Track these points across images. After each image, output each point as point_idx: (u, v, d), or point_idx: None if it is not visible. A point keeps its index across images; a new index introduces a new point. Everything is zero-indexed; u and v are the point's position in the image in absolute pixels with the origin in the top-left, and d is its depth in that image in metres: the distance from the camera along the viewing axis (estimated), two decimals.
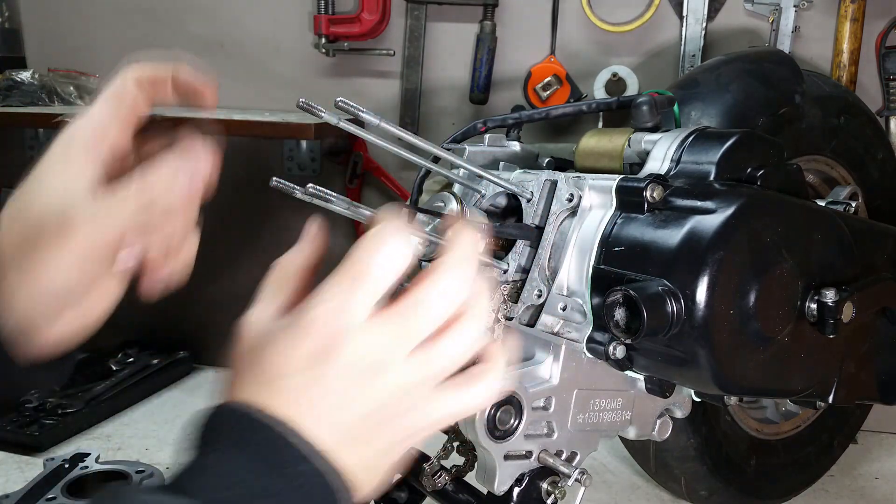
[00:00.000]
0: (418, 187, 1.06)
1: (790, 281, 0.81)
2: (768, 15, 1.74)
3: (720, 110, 1.18)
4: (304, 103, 0.65)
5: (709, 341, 0.74)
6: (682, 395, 0.93)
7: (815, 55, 1.75)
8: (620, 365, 0.80)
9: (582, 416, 0.86)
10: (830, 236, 0.88)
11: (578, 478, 0.82)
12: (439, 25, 1.89)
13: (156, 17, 2.02)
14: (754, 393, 1.01)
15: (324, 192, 0.72)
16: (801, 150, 1.26)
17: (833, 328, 0.83)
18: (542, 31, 1.84)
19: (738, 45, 1.76)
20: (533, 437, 0.82)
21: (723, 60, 1.28)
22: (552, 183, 0.88)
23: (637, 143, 0.90)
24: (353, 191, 1.98)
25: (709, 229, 0.75)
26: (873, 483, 1.55)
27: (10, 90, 1.95)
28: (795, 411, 1.37)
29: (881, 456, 1.66)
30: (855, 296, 0.84)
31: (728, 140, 0.83)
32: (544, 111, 1.07)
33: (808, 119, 1.26)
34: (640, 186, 0.80)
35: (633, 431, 0.92)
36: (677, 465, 1.31)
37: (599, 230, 0.82)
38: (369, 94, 1.95)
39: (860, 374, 0.95)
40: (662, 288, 0.74)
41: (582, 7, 1.79)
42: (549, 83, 1.83)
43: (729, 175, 0.83)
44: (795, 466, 1.40)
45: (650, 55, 1.83)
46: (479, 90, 1.85)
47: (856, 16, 1.68)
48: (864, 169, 1.36)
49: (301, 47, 1.95)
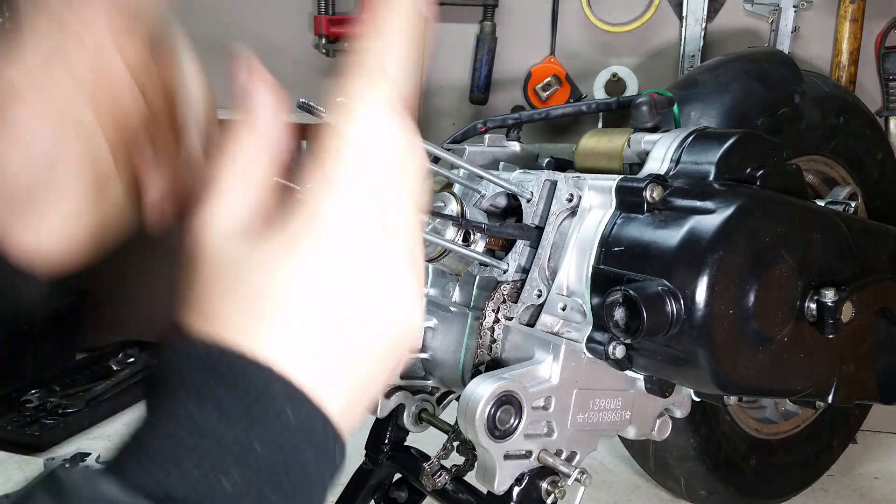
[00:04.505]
0: None
1: (790, 281, 0.81)
2: (768, 15, 1.74)
3: (720, 111, 1.18)
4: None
5: (708, 341, 0.74)
6: (682, 395, 0.93)
7: (814, 55, 1.75)
8: (620, 365, 0.80)
9: (582, 415, 0.86)
10: (830, 236, 0.88)
11: (578, 477, 0.82)
12: (439, 26, 1.90)
13: None
14: (754, 393, 1.01)
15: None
16: (800, 150, 1.26)
17: (832, 328, 0.83)
18: (542, 32, 1.85)
19: (737, 46, 1.76)
20: (533, 437, 0.82)
21: (722, 61, 1.28)
22: (552, 183, 0.88)
23: (637, 143, 0.90)
24: None
25: (708, 229, 0.75)
26: (873, 483, 1.56)
27: None
28: (795, 411, 1.37)
29: (881, 456, 1.66)
30: (854, 296, 0.84)
31: (727, 140, 0.83)
32: (544, 111, 1.07)
33: (807, 119, 1.26)
34: (640, 186, 0.80)
35: (633, 431, 0.92)
36: (677, 465, 1.31)
37: (599, 230, 0.82)
38: None
39: (860, 374, 0.96)
40: (662, 288, 0.74)
41: (582, 7, 1.80)
42: (548, 83, 1.83)
43: (728, 175, 0.83)
44: (795, 466, 1.40)
45: (650, 55, 1.83)
46: (479, 90, 1.85)
47: (855, 16, 1.69)
48: (863, 169, 1.36)
49: (301, 47, 1.95)
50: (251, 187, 0.42)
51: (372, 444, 1.03)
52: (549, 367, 0.83)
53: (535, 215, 0.88)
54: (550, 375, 0.83)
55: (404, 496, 1.04)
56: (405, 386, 0.98)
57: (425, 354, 0.98)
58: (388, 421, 1.01)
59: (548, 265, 0.86)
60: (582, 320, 0.82)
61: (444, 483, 0.91)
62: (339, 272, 0.40)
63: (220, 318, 0.39)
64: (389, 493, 1.04)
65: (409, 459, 1.01)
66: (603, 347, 0.79)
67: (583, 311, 0.82)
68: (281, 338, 0.39)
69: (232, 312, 0.39)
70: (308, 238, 0.40)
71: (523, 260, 0.87)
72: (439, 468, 0.91)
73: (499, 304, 0.86)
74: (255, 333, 0.39)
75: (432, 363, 0.98)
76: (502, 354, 0.88)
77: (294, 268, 0.40)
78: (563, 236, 0.85)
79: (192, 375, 0.38)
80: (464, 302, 0.95)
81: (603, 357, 0.79)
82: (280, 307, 0.39)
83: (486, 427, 0.77)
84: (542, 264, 0.85)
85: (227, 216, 0.41)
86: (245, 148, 0.43)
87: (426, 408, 1.00)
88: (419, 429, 1.01)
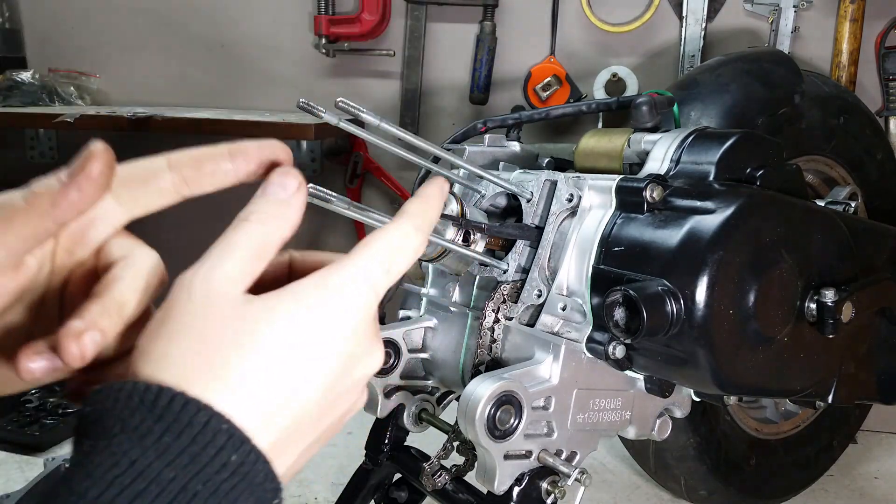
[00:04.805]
0: (418, 187, 1.06)
1: (789, 281, 0.81)
2: (768, 15, 1.74)
3: (720, 110, 1.18)
4: (304, 103, 0.65)
5: (708, 341, 0.74)
6: (682, 395, 0.93)
7: (814, 55, 1.75)
8: (620, 365, 0.80)
9: (581, 415, 0.86)
10: (830, 236, 0.88)
11: (578, 477, 0.82)
12: (439, 26, 1.89)
13: (157, 18, 2.02)
14: (754, 392, 1.01)
15: (324, 193, 0.72)
16: (800, 150, 1.26)
17: (832, 328, 0.83)
18: (542, 32, 1.85)
19: (737, 46, 1.76)
20: (533, 437, 0.82)
21: (722, 61, 1.28)
22: (552, 183, 0.88)
23: (637, 143, 0.90)
24: (353, 191, 1.98)
25: (708, 229, 0.75)
26: (873, 483, 1.56)
27: (11, 90, 1.95)
28: (795, 411, 1.37)
29: (881, 456, 1.66)
30: (854, 296, 0.84)
31: (727, 140, 0.83)
32: (544, 111, 1.07)
33: (807, 119, 1.26)
34: (640, 186, 0.80)
35: (633, 431, 0.92)
36: (677, 465, 1.31)
37: (599, 230, 0.82)
38: (369, 95, 1.95)
39: (860, 373, 0.96)
40: (662, 288, 0.74)
41: (582, 7, 1.79)
42: (548, 83, 1.83)
43: (728, 175, 0.83)
44: (795, 466, 1.40)
45: (650, 55, 1.83)
46: (479, 90, 1.85)
47: (855, 16, 1.69)
48: (863, 169, 1.36)
49: (301, 48, 1.95)
50: (256, 258, 0.43)
51: (372, 444, 1.03)
52: (549, 367, 0.83)
53: (535, 215, 0.88)
54: (550, 375, 0.83)
55: (404, 496, 1.04)
56: (405, 386, 0.98)
57: (425, 354, 0.98)
58: (388, 421, 1.01)
59: (548, 265, 0.86)
60: (582, 320, 0.82)
61: (444, 483, 0.91)
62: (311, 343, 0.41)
63: (170, 361, 0.38)
64: (389, 493, 1.04)
65: (409, 459, 1.01)
66: (603, 347, 0.79)
67: (583, 311, 0.82)
68: (234, 386, 0.38)
69: (183, 356, 0.39)
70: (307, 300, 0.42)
71: (523, 260, 0.87)
72: (439, 468, 0.91)
73: (499, 304, 0.86)
74: (206, 378, 0.38)
75: (432, 363, 0.98)
76: (502, 354, 0.88)
77: (267, 326, 0.40)
78: (563, 236, 0.85)
79: (130, 415, 0.36)
80: (464, 302, 0.95)
81: (603, 357, 0.79)
82: (242, 358, 0.39)
83: (486, 427, 0.77)
84: (542, 264, 0.85)
85: (222, 275, 0.41)
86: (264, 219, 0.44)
87: (426, 408, 1.00)
88: (419, 429, 1.01)
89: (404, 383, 0.98)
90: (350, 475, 1.05)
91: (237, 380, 0.38)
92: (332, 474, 1.47)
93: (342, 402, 0.45)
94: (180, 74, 2.02)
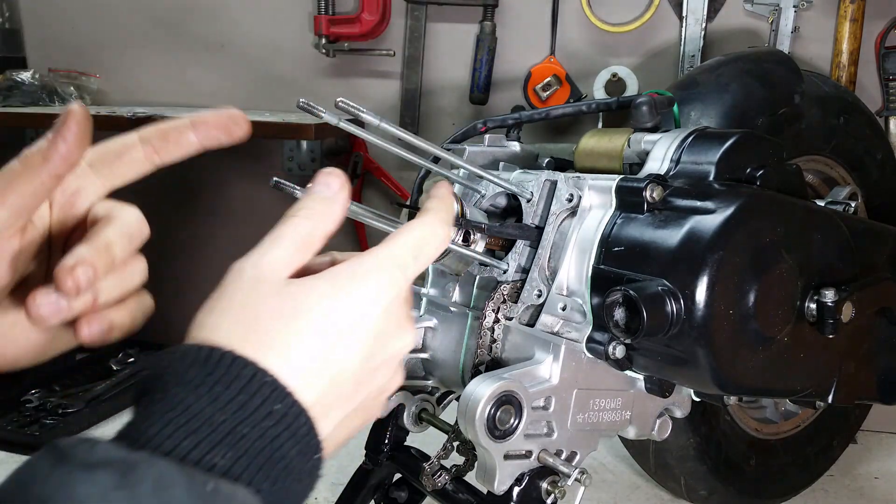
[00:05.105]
0: (418, 187, 1.06)
1: (790, 281, 0.81)
2: (768, 15, 1.74)
3: (720, 111, 1.18)
4: (304, 103, 0.65)
5: (708, 341, 0.74)
6: (682, 395, 0.93)
7: (814, 55, 1.75)
8: (620, 365, 0.80)
9: (581, 415, 0.86)
10: (830, 236, 0.88)
11: (578, 477, 0.82)
12: (439, 26, 1.90)
13: (157, 18, 2.02)
14: (754, 393, 1.01)
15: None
16: (800, 150, 1.26)
17: (832, 328, 0.83)
18: (542, 32, 1.85)
19: (737, 46, 1.76)
20: (533, 437, 0.82)
21: (722, 61, 1.28)
22: (552, 183, 0.88)
23: (637, 143, 0.90)
24: (353, 191, 1.98)
25: (708, 229, 0.75)
26: (873, 483, 1.56)
27: (11, 90, 1.95)
28: (795, 411, 1.37)
29: (881, 456, 1.66)
30: (854, 296, 0.84)
31: (727, 140, 0.83)
32: (544, 111, 1.07)
33: (807, 119, 1.26)
34: (640, 186, 0.80)
35: (633, 431, 0.92)
36: (677, 465, 1.31)
37: (599, 230, 0.82)
38: (369, 95, 1.95)
39: (860, 374, 0.96)
40: (662, 288, 0.74)
41: (582, 7, 1.80)
42: (548, 83, 1.83)
43: (728, 175, 0.83)
44: (795, 466, 1.40)
45: (650, 55, 1.83)
46: (479, 90, 1.85)
47: (855, 16, 1.69)
48: (863, 169, 1.36)
49: (301, 47, 1.95)
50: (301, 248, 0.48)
51: (372, 443, 1.03)
52: (549, 367, 0.83)
53: (535, 215, 0.88)
54: (550, 375, 0.83)
55: (404, 496, 1.04)
56: (405, 386, 0.98)
57: (425, 354, 0.98)
58: (388, 421, 1.01)
59: (548, 265, 0.86)
60: (582, 320, 0.82)
61: (444, 483, 0.91)
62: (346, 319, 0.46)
63: (221, 329, 0.44)
64: (389, 493, 1.04)
65: (409, 459, 1.01)
66: (603, 347, 0.79)
67: (583, 311, 0.82)
68: (277, 349, 0.43)
69: (232, 325, 0.44)
70: (341, 280, 0.47)
71: (523, 260, 0.87)
72: (439, 468, 0.91)
73: (499, 304, 0.86)
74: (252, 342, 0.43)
75: (432, 363, 0.98)
76: (502, 354, 0.88)
77: (306, 302, 0.45)
78: (563, 236, 0.85)
79: (185, 370, 0.41)
80: (464, 302, 0.95)
81: (603, 357, 0.79)
82: (284, 326, 0.44)
83: (486, 427, 0.77)
84: (542, 264, 0.85)
85: (269, 261, 0.46)
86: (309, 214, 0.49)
87: (426, 408, 1.00)
88: (419, 429, 1.01)
89: (404, 383, 0.97)
90: (350, 475, 1.05)
91: (280, 345, 0.43)
92: (332, 474, 1.47)
93: (378, 375, 0.50)
94: (180, 74, 2.02)
